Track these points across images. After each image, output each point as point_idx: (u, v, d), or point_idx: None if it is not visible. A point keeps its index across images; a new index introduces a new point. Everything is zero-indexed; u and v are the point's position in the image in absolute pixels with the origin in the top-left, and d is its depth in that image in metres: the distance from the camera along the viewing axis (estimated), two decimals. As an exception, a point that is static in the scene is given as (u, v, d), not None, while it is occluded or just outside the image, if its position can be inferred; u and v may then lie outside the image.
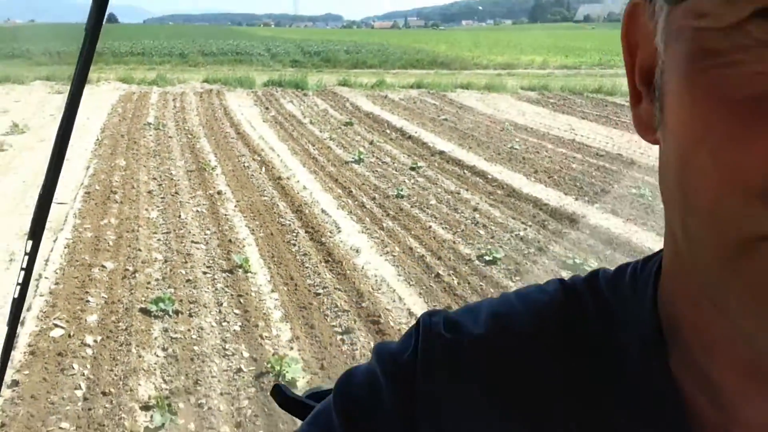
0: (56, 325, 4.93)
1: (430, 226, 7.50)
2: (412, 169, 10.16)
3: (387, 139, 12.50)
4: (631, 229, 7.51)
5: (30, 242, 1.22)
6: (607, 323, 0.48)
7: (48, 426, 3.80)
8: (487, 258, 6.48)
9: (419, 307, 5.43)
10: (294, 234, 7.15)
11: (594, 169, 10.47)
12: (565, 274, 5.18)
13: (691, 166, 0.34)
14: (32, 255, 1.21)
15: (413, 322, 2.56)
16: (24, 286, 1.29)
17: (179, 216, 7.64)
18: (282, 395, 0.74)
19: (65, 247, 6.51)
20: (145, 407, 4.00)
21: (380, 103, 17.24)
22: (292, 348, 4.76)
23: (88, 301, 5.37)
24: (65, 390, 4.16)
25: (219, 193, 8.59)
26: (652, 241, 7.11)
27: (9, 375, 4.24)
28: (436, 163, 10.65)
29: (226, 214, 7.76)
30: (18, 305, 1.33)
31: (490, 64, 28.24)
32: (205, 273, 6.06)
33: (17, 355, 4.49)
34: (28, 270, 1.27)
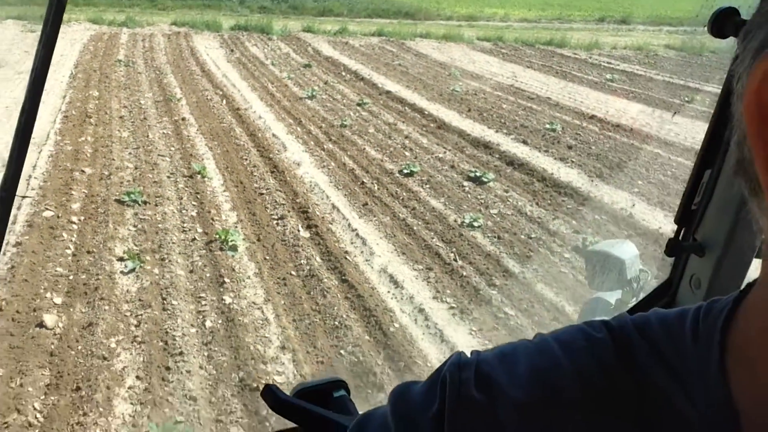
0: (47, 209, 6.16)
1: (365, 149, 8.81)
2: (359, 105, 11.39)
3: (341, 80, 13.65)
4: (534, 155, 8.90)
5: None
6: (668, 388, 0.41)
7: (47, 270, 5.08)
8: (405, 171, 7.83)
9: (342, 203, 6.79)
10: (246, 151, 8.40)
11: (521, 109, 11.79)
12: (467, 184, 6.57)
13: None
14: None
15: (336, 214, 4.83)
16: None
17: (147, 136, 8.81)
18: (273, 397, 0.71)
19: (49, 157, 7.66)
20: (120, 259, 5.31)
21: (340, 48, 18.26)
22: (236, 227, 6.08)
23: (71, 194, 6.60)
24: (58, 249, 5.44)
25: (183, 119, 9.75)
26: (548, 163, 8.51)
27: (13, 238, 5.50)
28: (381, 101, 11.89)
29: (188, 136, 8.95)
30: None
31: (454, 16, 29.18)
32: (168, 177, 7.31)
33: (17, 227, 5.74)
34: None
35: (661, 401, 0.41)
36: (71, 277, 4.99)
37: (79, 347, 4.13)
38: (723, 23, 0.97)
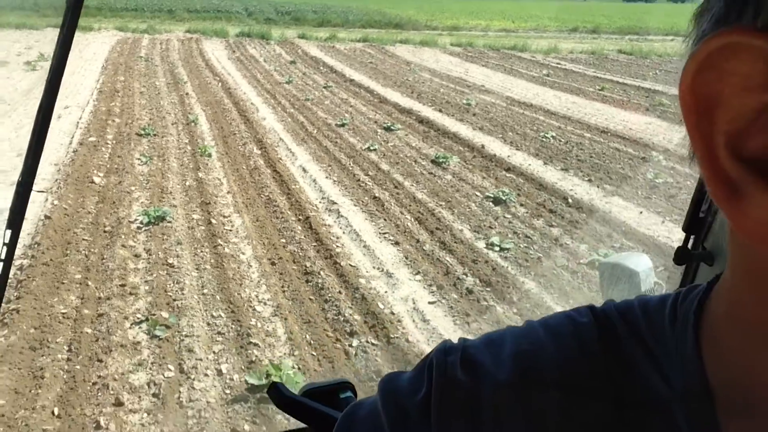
0: (91, 137, 9.44)
1: (317, 112, 12.03)
2: (324, 87, 14.65)
3: (317, 72, 16.95)
4: (442, 117, 12.03)
5: (9, 231, 1.07)
6: (646, 370, 0.44)
7: (93, 163, 8.32)
8: (338, 123, 11.03)
9: (287, 138, 10.00)
10: (229, 112, 11.67)
11: (453, 92, 14.93)
12: (380, 131, 9.98)
13: None
14: (11, 246, 1.06)
15: (281, 143, 9.73)
16: (5, 266, 1.15)
17: (159, 103, 12.13)
18: (279, 395, 0.73)
19: (90, 113, 10.97)
20: (139, 159, 8.54)
21: (326, 51, 21.61)
22: (214, 147, 9.30)
23: (106, 130, 9.88)
24: (99, 155, 8.69)
25: (186, 94, 13.07)
26: (449, 122, 11.62)
27: (69, 150, 8.75)
28: (344, 85, 15.14)
29: (189, 103, 12.25)
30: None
31: (440, 26, 32.49)
32: (172, 124, 10.59)
33: (73, 144, 9.00)
34: (8, 261, 1.15)
35: (638, 382, 0.43)
36: (108, 166, 8.24)
37: (114, 190, 7.35)
38: None
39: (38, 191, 6.89)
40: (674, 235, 6.58)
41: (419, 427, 0.47)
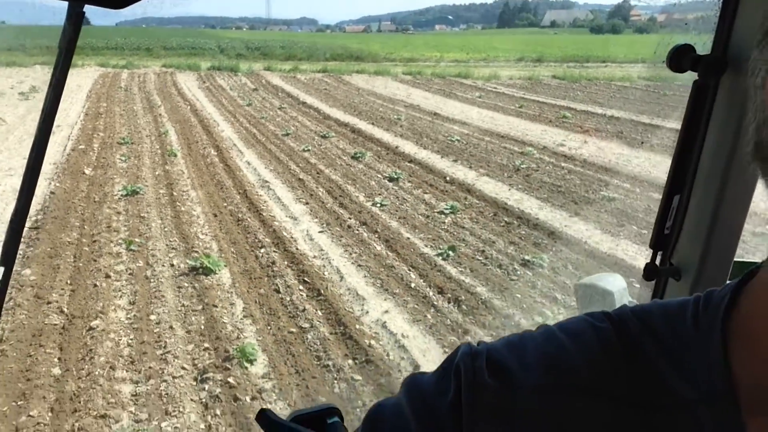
0: (80, 145, 11.79)
1: (268, 126, 14.51)
2: (279, 108, 17.18)
3: (275, 97, 19.50)
4: (373, 128, 14.55)
5: (2, 269, 1.04)
6: (670, 374, 0.46)
7: (83, 162, 10.66)
8: (284, 133, 13.50)
9: (240, 144, 12.42)
10: (194, 127, 14.10)
11: (391, 111, 17.50)
12: (317, 138, 12.61)
13: None
14: (4, 283, 1.04)
15: (234, 148, 12.79)
16: None
17: (136, 122, 14.54)
18: (268, 421, 0.74)
19: (79, 129, 13.34)
20: (120, 158, 10.90)
21: (287, 80, 24.24)
22: (180, 150, 11.68)
23: (93, 141, 12.25)
24: (88, 157, 11.03)
25: (159, 115, 15.51)
26: (377, 131, 14.13)
27: (64, 154, 11.10)
28: (296, 107, 17.68)
29: (162, 123, 14.68)
30: None
31: (397, 58, 35.41)
32: (147, 136, 12.99)
33: (67, 150, 11.35)
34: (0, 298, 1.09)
35: (662, 386, 0.45)
36: (95, 163, 10.59)
37: (101, 178, 9.69)
38: (680, 59, 1.05)
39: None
40: (513, 196, 9.07)
41: (446, 426, 0.49)
